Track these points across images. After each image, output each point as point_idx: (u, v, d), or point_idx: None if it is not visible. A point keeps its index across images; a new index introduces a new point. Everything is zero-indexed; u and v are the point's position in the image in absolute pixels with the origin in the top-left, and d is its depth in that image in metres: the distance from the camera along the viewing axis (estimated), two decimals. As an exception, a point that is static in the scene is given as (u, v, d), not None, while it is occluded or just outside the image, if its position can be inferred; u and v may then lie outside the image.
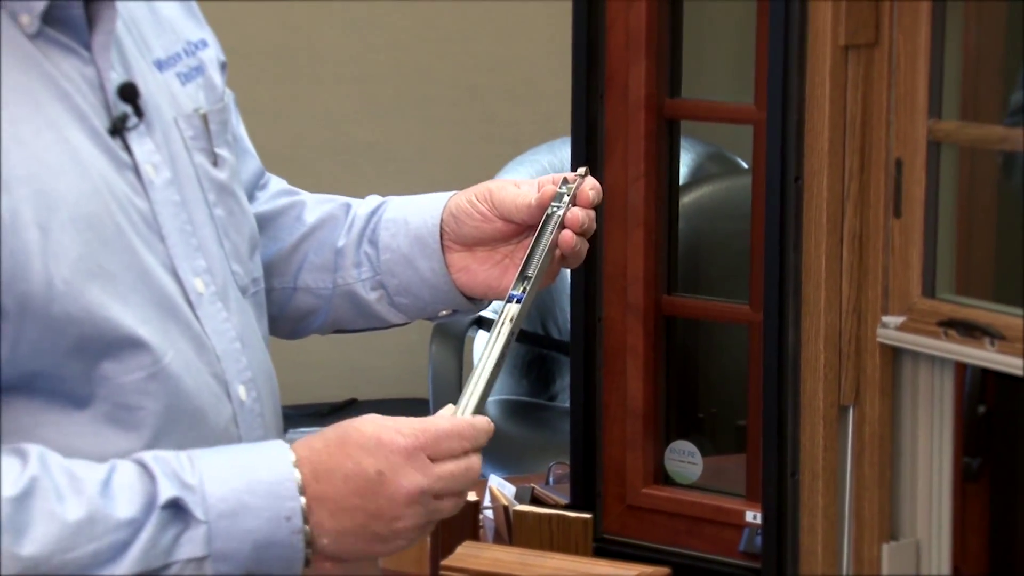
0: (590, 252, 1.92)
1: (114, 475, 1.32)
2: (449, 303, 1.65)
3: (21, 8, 1.35)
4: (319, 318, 1.70)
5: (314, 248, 1.68)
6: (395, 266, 1.64)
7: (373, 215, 1.66)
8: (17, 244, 1.31)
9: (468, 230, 1.61)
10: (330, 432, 1.36)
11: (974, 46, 1.67)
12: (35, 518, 1.28)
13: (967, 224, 1.69)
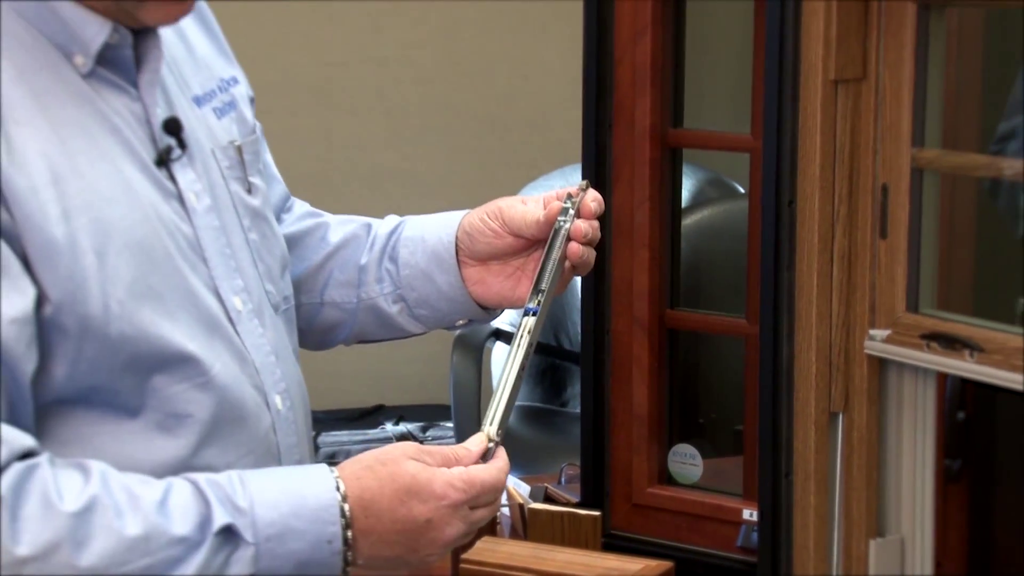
0: (599, 269, 1.94)
1: (170, 495, 1.31)
2: (465, 313, 1.65)
3: (77, 49, 1.36)
4: (344, 330, 1.70)
5: (339, 265, 1.68)
6: (414, 280, 1.64)
7: (393, 234, 1.66)
8: (76, 269, 1.31)
9: (481, 246, 1.61)
10: (383, 471, 1.36)
11: (954, 80, 1.67)
12: (95, 533, 1.27)
13: (948, 244, 1.69)
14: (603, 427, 2.00)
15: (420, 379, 3.79)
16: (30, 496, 1.26)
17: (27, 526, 1.25)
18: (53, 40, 1.35)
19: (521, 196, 1.63)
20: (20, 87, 1.32)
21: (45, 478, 1.27)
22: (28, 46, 1.34)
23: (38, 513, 1.26)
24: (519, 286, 1.59)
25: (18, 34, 1.34)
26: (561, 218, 1.55)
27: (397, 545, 1.37)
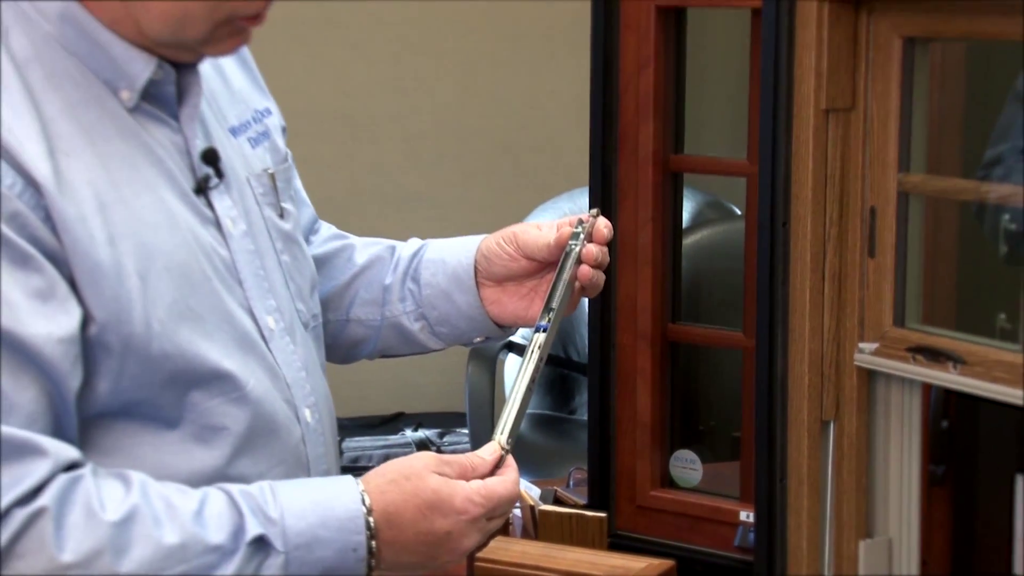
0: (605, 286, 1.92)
1: (206, 505, 1.31)
2: (483, 331, 1.65)
3: (123, 85, 1.36)
4: (369, 346, 1.70)
5: (364, 285, 1.68)
6: (435, 300, 1.64)
7: (415, 256, 1.66)
8: (121, 291, 1.31)
9: (498, 268, 1.61)
10: (407, 485, 1.36)
11: (937, 110, 1.66)
12: (135, 541, 1.27)
13: (932, 263, 1.68)
14: (609, 434, 2.00)
15: (437, 388, 3.79)
16: (74, 506, 1.26)
17: (71, 534, 1.25)
18: (100, 75, 1.35)
19: (536, 222, 1.63)
20: (69, 120, 1.32)
21: (88, 489, 1.27)
22: (77, 81, 1.34)
23: (81, 522, 1.26)
24: (532, 306, 1.59)
25: (68, 70, 1.34)
26: (572, 242, 1.55)
27: (418, 554, 1.36)
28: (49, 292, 1.28)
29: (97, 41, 1.34)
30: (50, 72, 1.33)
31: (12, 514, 1.24)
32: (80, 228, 1.29)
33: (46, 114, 1.31)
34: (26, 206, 1.27)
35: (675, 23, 1.95)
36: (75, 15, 1.33)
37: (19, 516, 1.24)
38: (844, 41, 1.62)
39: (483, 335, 1.66)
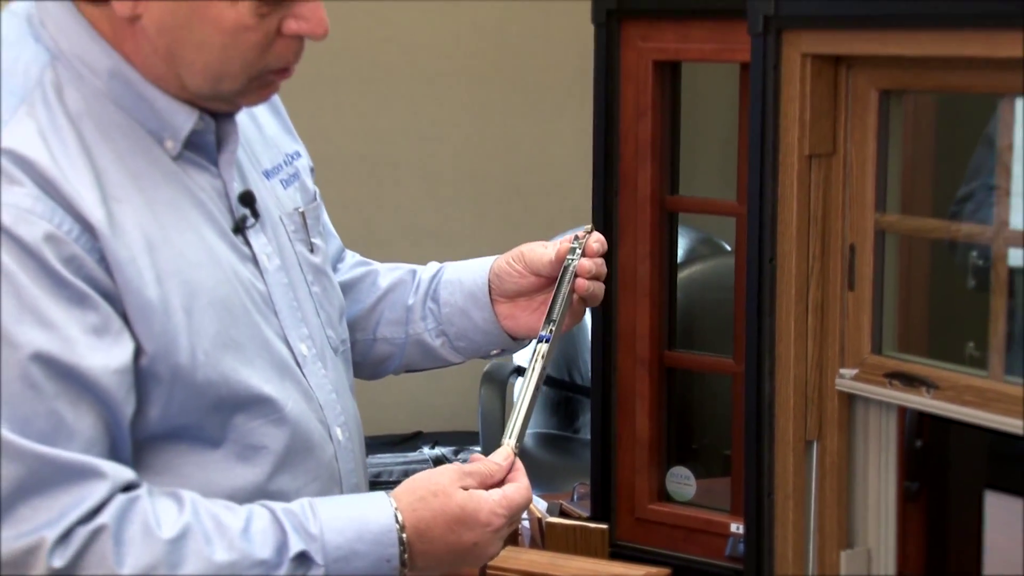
0: (607, 314, 1.94)
1: (252, 522, 1.31)
2: (498, 344, 1.65)
3: (168, 135, 1.36)
4: (395, 362, 1.70)
5: (388, 306, 1.68)
6: (454, 317, 1.64)
7: (434, 278, 1.67)
8: (168, 325, 1.31)
9: (509, 286, 1.61)
10: (435, 503, 1.35)
11: (910, 156, 1.66)
12: (188, 557, 1.27)
13: (906, 295, 1.68)
14: (610, 451, 2.00)
15: (453, 409, 3.79)
16: (132, 524, 1.26)
17: (130, 550, 1.25)
18: (147, 127, 1.35)
19: (540, 241, 1.63)
20: (120, 169, 1.32)
21: (145, 508, 1.27)
22: (126, 132, 1.34)
23: (139, 539, 1.26)
24: (543, 318, 1.59)
25: (117, 122, 1.34)
26: (569, 256, 1.56)
27: (447, 562, 1.37)
28: (104, 328, 1.28)
29: (143, 96, 1.35)
30: (102, 125, 1.33)
31: (75, 532, 1.24)
32: (131, 268, 1.29)
33: (99, 164, 1.31)
34: (82, 249, 1.27)
35: (670, 76, 1.95)
36: (123, 72, 1.34)
37: (82, 534, 1.24)
38: (825, 93, 1.62)
39: (499, 348, 1.66)
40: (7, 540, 1.23)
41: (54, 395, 1.25)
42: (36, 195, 1.25)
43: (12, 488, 1.23)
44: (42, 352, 1.24)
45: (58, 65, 1.33)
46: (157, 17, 1.31)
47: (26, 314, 1.23)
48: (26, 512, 1.23)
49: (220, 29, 1.30)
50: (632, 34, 1.92)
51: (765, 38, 1.60)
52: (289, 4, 1.32)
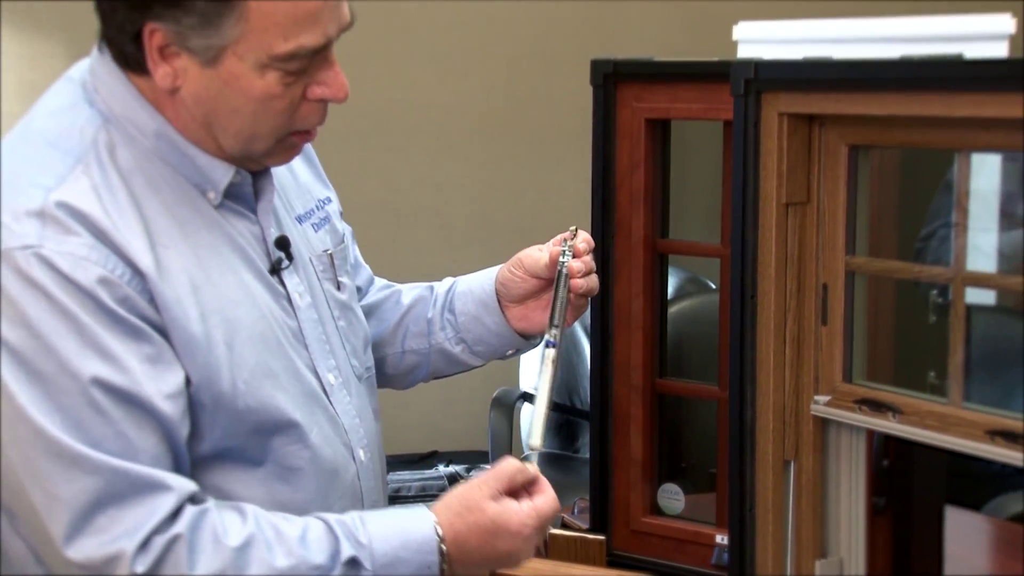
0: (604, 346, 1.94)
1: (308, 531, 1.31)
2: (512, 344, 1.66)
3: (209, 187, 1.37)
4: (422, 371, 1.70)
5: (412, 321, 1.68)
6: (469, 325, 1.64)
7: (449, 292, 1.68)
8: (211, 358, 1.32)
9: (515, 291, 1.61)
10: (470, 518, 1.36)
11: (877, 204, 1.67)
12: (251, 563, 1.27)
13: (874, 330, 1.68)
14: (607, 469, 1.99)
15: (465, 431, 3.79)
16: (203, 533, 1.27)
17: (201, 557, 1.26)
18: (190, 180, 1.36)
19: (535, 245, 1.62)
20: (166, 218, 1.33)
21: (214, 519, 1.28)
22: (171, 185, 1.35)
23: (210, 546, 1.26)
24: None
25: (165, 176, 1.35)
26: (561, 260, 1.56)
27: (482, 568, 1.38)
28: (157, 357, 1.28)
29: (185, 154, 1.35)
30: (150, 179, 1.34)
31: (153, 541, 1.24)
32: (177, 308, 1.30)
33: (147, 214, 1.32)
34: (134, 291, 1.28)
35: (661, 132, 1.96)
36: (167, 134, 1.34)
37: (160, 542, 1.25)
38: (800, 148, 1.62)
39: (513, 348, 1.66)
40: (89, 549, 1.23)
41: (119, 418, 1.25)
42: (91, 244, 1.26)
43: (91, 500, 1.24)
44: (102, 379, 1.24)
45: (110, 127, 1.34)
46: (194, 88, 1.31)
47: (87, 348, 1.24)
48: (104, 523, 1.24)
49: (250, 98, 1.31)
50: (627, 95, 1.93)
51: (746, 99, 1.61)
52: (312, 73, 1.33)
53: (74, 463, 1.23)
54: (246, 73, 1.29)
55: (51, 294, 1.24)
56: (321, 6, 1.29)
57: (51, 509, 1.24)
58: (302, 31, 1.29)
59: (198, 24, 1.27)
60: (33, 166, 1.30)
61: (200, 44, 1.28)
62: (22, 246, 1.25)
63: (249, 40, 1.28)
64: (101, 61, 1.35)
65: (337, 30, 1.33)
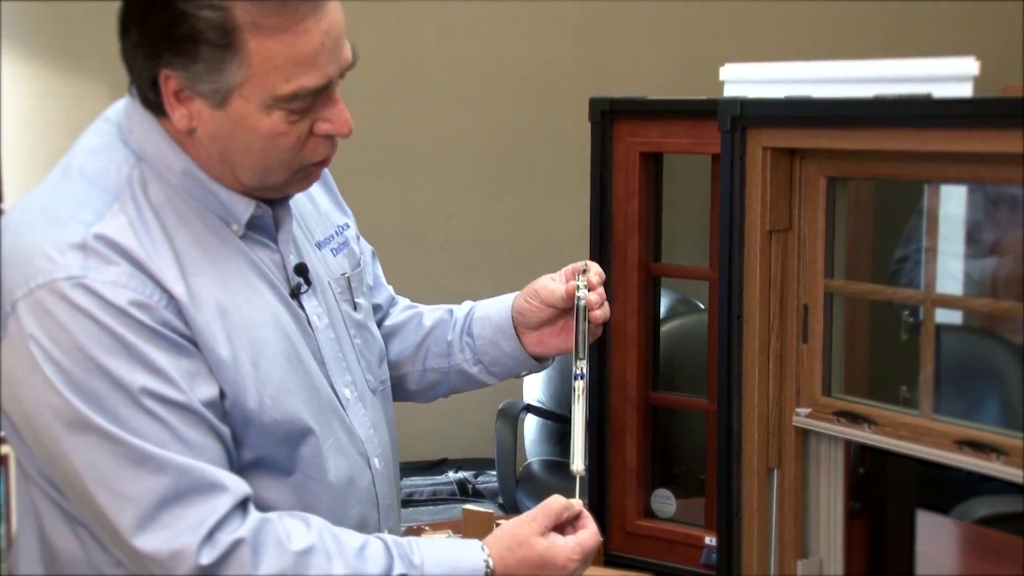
0: (602, 362, 1.93)
1: (367, 547, 1.31)
2: (526, 367, 1.65)
3: (232, 220, 1.37)
4: (442, 387, 1.69)
5: (433, 342, 1.67)
6: (487, 348, 1.64)
7: (467, 316, 1.66)
8: (238, 377, 1.32)
9: (532, 319, 1.60)
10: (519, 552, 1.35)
11: (853, 231, 1.67)
12: (311, 568, 1.28)
13: (851, 347, 1.68)
14: (604, 476, 1.99)
15: (473, 440, 3.77)
16: (268, 537, 1.27)
17: (265, 558, 1.26)
18: (215, 213, 1.36)
19: (548, 275, 1.62)
20: (195, 248, 1.33)
21: (278, 526, 1.28)
22: (199, 217, 1.35)
23: (274, 549, 1.26)
24: (568, 338, 1.57)
25: (193, 209, 1.35)
26: (577, 295, 1.55)
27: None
28: (196, 371, 1.29)
29: (210, 190, 1.35)
30: (179, 212, 1.34)
31: (218, 538, 1.25)
32: (207, 332, 1.30)
33: (178, 245, 1.32)
34: (171, 314, 1.28)
35: (654, 165, 1.96)
36: (192, 172, 1.35)
37: (225, 541, 1.25)
38: (782, 179, 1.62)
39: (527, 369, 1.66)
40: (155, 543, 1.24)
41: (175, 423, 1.26)
42: (130, 272, 1.27)
43: (157, 499, 1.24)
44: (151, 389, 1.25)
45: (143, 165, 1.34)
46: (208, 129, 1.32)
47: (135, 363, 1.25)
48: (168, 519, 1.24)
49: (259, 136, 1.31)
50: (622, 131, 1.93)
51: (732, 134, 1.61)
52: (317, 110, 1.33)
53: (141, 463, 1.24)
54: (253, 113, 1.29)
55: (97, 318, 1.24)
56: (319, 49, 1.28)
57: (119, 508, 1.24)
58: (302, 73, 1.28)
59: (205, 70, 1.27)
60: (74, 202, 1.30)
61: (209, 88, 1.28)
62: (67, 277, 1.25)
63: (253, 83, 1.28)
64: (133, 104, 1.36)
65: (338, 70, 1.32)
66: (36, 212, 1.31)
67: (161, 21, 1.26)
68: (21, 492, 1.38)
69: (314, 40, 1.28)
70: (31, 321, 1.25)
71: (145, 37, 1.28)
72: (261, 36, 1.26)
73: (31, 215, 1.31)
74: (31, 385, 1.25)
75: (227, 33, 1.25)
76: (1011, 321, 2.64)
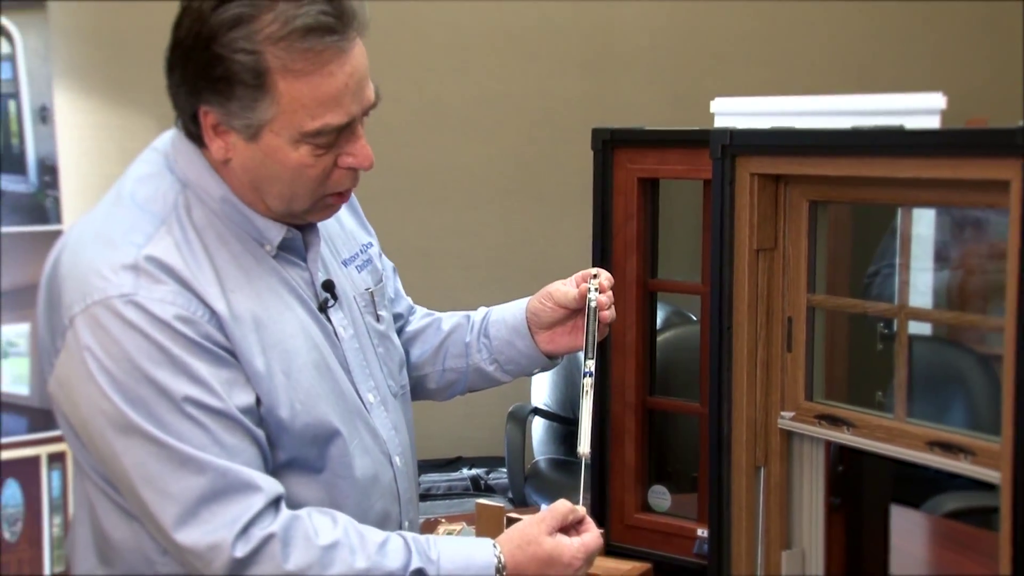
0: (603, 370, 1.92)
1: (388, 543, 1.31)
2: (539, 365, 1.65)
3: (266, 242, 1.37)
4: (460, 385, 1.69)
5: (451, 344, 1.67)
6: (502, 348, 1.64)
7: (484, 320, 1.66)
8: (272, 386, 1.32)
9: (545, 319, 1.60)
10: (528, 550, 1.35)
11: (832, 250, 1.67)
12: (335, 562, 1.27)
13: (831, 356, 1.67)
14: (605, 473, 1.98)
15: (485, 440, 3.77)
16: (296, 532, 1.27)
17: (293, 552, 1.26)
18: (251, 236, 1.37)
19: (560, 280, 1.61)
20: (234, 267, 1.34)
21: (306, 522, 1.28)
22: (237, 238, 1.36)
23: (301, 544, 1.26)
24: (579, 337, 1.58)
25: (231, 231, 1.36)
26: (589, 297, 1.54)
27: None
28: (234, 380, 1.29)
29: (245, 215, 1.36)
30: (219, 234, 1.34)
31: (252, 533, 1.25)
32: (244, 344, 1.30)
33: (218, 264, 1.32)
34: (213, 328, 1.28)
35: (651, 189, 1.96)
36: (230, 199, 1.35)
37: (258, 535, 1.25)
38: (768, 203, 1.62)
39: (540, 367, 1.66)
40: (194, 537, 1.25)
41: (215, 429, 1.26)
42: (177, 290, 1.27)
43: (197, 497, 1.24)
44: (193, 398, 1.25)
45: (187, 191, 1.35)
46: (241, 159, 1.32)
47: (179, 372, 1.25)
48: (207, 515, 1.24)
49: (287, 167, 1.31)
50: (622, 158, 1.93)
51: (723, 162, 1.61)
52: (341, 144, 1.33)
53: (183, 464, 1.25)
54: (282, 147, 1.30)
55: (146, 332, 1.25)
56: (343, 90, 1.29)
57: (162, 505, 1.25)
58: (327, 111, 1.28)
59: (239, 107, 1.28)
60: (126, 225, 1.31)
61: (242, 123, 1.29)
62: (120, 294, 1.26)
63: (282, 120, 1.28)
64: (178, 136, 1.37)
65: (360, 109, 1.32)
66: (91, 234, 1.32)
67: (201, 63, 1.28)
68: (77, 485, 1.39)
69: (338, 82, 1.28)
70: (87, 334, 1.26)
71: (187, 77, 1.29)
72: (290, 78, 1.27)
73: (87, 237, 1.32)
74: (86, 392, 1.26)
75: (259, 75, 1.26)
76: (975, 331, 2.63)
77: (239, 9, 1.25)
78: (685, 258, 3.22)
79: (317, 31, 1.26)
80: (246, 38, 1.25)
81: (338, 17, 1.27)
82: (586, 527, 1.39)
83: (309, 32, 1.26)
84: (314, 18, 1.26)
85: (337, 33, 1.27)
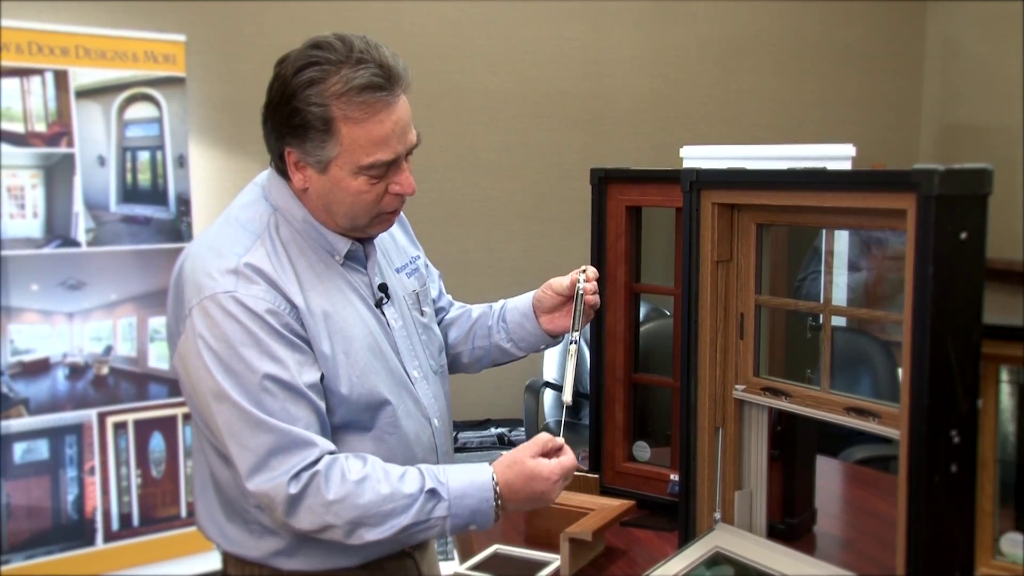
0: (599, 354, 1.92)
1: (406, 474, 1.31)
2: (544, 342, 1.65)
3: (335, 252, 1.38)
4: (486, 360, 1.69)
5: (479, 327, 1.68)
6: (516, 328, 1.64)
7: (502, 308, 1.67)
8: (334, 365, 1.32)
9: (546, 304, 1.60)
10: (516, 468, 1.34)
11: (773, 261, 1.66)
12: (365, 491, 1.27)
13: (773, 342, 1.67)
14: (600, 432, 1.98)
15: (508, 405, 3.77)
16: (335, 470, 1.27)
17: (332, 485, 1.26)
18: (324, 248, 1.38)
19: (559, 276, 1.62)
20: (310, 272, 1.34)
21: (342, 463, 1.28)
22: (313, 249, 1.37)
23: (338, 479, 1.26)
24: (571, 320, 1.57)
25: (310, 244, 1.37)
26: (578, 284, 1.55)
27: (525, 502, 1.35)
28: (305, 361, 1.29)
29: (319, 232, 1.37)
30: (300, 247, 1.35)
31: (301, 476, 1.25)
32: (315, 332, 1.31)
33: (298, 269, 1.33)
34: (293, 320, 1.29)
35: (635, 214, 1.96)
36: (308, 219, 1.36)
37: (305, 476, 1.25)
38: (725, 226, 1.62)
39: (545, 344, 1.66)
40: (263, 482, 1.25)
41: (284, 399, 1.26)
42: (266, 289, 1.29)
43: (266, 450, 1.25)
44: (272, 375, 1.26)
45: (277, 214, 1.36)
46: (316, 188, 1.33)
47: (263, 353, 1.26)
48: (273, 463, 1.25)
49: (348, 193, 1.33)
50: (614, 190, 1.93)
51: (691, 194, 1.61)
52: (391, 176, 1.34)
53: (258, 425, 1.26)
54: (345, 178, 1.32)
55: (241, 320, 1.26)
56: (390, 134, 1.30)
57: (242, 455, 1.26)
58: (378, 150, 1.29)
59: (313, 147, 1.30)
60: (231, 240, 1.33)
61: (315, 159, 1.31)
62: (224, 291, 1.28)
63: (344, 156, 1.30)
64: (271, 171, 1.38)
65: (405, 149, 1.34)
66: (206, 247, 1.34)
67: (284, 114, 1.30)
68: (195, 438, 1.41)
69: (387, 128, 1.30)
70: (200, 321, 1.27)
71: (275, 125, 1.32)
72: (349, 124, 1.28)
73: (203, 249, 1.34)
74: (196, 366, 1.28)
75: (327, 123, 1.28)
76: (879, 324, 2.62)
77: (312, 74, 1.27)
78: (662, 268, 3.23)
79: (370, 88, 1.27)
80: (317, 95, 1.27)
81: (387, 78, 1.29)
82: (563, 452, 1.38)
83: (364, 90, 1.27)
84: (368, 79, 1.27)
85: (386, 90, 1.29)
